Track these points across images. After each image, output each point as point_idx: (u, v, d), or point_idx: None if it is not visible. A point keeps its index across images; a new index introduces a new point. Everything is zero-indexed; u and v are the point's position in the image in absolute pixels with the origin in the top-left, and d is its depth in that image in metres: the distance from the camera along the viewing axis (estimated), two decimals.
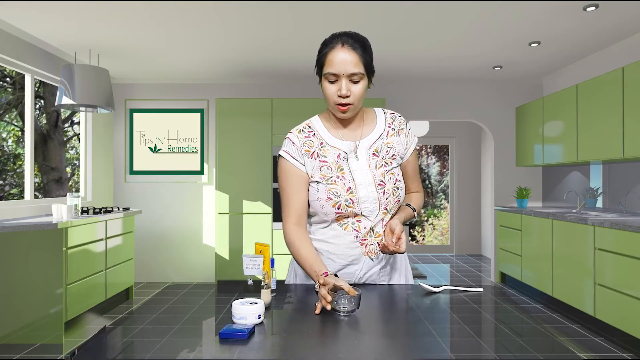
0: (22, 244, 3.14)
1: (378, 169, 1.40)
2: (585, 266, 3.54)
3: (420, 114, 5.42)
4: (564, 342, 0.87)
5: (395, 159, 1.44)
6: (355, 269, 1.43)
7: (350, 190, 1.36)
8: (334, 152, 1.40)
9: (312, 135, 1.42)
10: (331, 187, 1.37)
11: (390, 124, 1.47)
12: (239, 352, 0.88)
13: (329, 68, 1.31)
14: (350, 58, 1.30)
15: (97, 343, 0.94)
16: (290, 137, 1.42)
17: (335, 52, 1.31)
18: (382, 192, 1.38)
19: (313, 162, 1.40)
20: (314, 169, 1.40)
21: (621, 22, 3.50)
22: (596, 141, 3.84)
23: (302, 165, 1.40)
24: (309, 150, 1.40)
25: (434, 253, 7.37)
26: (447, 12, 3.31)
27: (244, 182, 4.77)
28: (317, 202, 1.39)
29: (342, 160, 1.39)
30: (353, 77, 1.31)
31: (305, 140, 1.41)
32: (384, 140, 1.44)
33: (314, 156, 1.40)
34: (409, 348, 0.90)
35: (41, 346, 3.12)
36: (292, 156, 1.41)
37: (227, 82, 5.36)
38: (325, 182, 1.37)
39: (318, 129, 1.43)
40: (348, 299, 1.11)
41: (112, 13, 3.30)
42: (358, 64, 1.30)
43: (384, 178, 1.39)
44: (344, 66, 1.29)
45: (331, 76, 1.31)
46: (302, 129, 1.44)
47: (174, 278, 5.35)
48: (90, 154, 4.83)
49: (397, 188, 1.41)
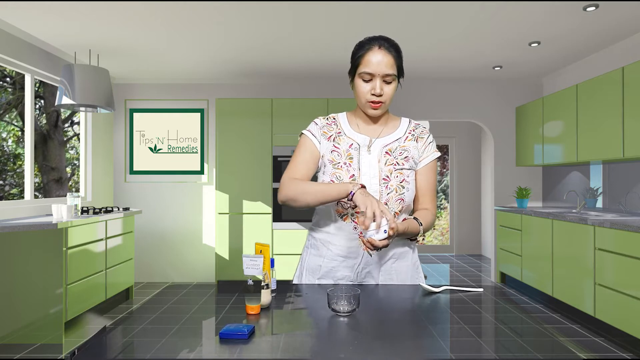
0: (22, 244, 3.14)
1: (387, 165, 1.44)
2: (585, 266, 3.54)
3: (420, 114, 5.42)
4: (564, 342, 0.87)
5: (408, 161, 1.47)
6: (353, 263, 1.46)
7: (353, 177, 1.42)
8: (348, 141, 1.47)
9: (333, 124, 1.52)
10: (336, 172, 1.44)
11: (412, 131, 1.53)
12: (239, 352, 0.88)
13: (365, 68, 1.39)
14: (386, 60, 1.39)
15: (97, 343, 0.94)
16: (315, 120, 1.55)
17: (373, 53, 1.39)
18: (385, 186, 1.42)
19: (327, 144, 1.49)
20: (326, 151, 1.48)
21: (621, 22, 3.50)
22: (596, 141, 3.84)
23: (318, 142, 1.50)
24: (327, 133, 1.50)
25: (434, 253, 7.37)
26: (447, 12, 3.30)
27: (244, 182, 4.77)
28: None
29: (354, 150, 1.46)
30: (386, 78, 1.40)
31: (326, 125, 1.52)
32: (401, 143, 1.49)
33: (330, 139, 1.49)
34: (409, 348, 0.90)
35: (41, 346, 3.12)
36: (312, 133, 1.51)
37: (227, 82, 5.36)
38: (333, 166, 1.45)
39: (340, 121, 1.53)
40: (348, 299, 1.11)
41: (112, 13, 3.30)
42: (392, 66, 1.39)
43: (391, 175, 1.43)
44: (379, 67, 1.38)
45: (366, 75, 1.40)
46: (326, 117, 1.55)
47: (174, 278, 5.34)
48: (90, 154, 4.83)
49: (403, 187, 1.44)
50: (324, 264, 1.49)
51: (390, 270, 1.48)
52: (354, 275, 1.47)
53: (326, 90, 5.40)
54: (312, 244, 1.55)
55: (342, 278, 1.48)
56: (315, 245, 1.53)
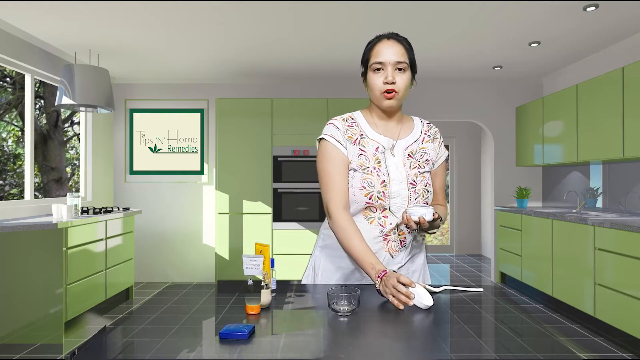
0: (22, 244, 3.14)
1: (412, 169, 1.43)
2: (585, 266, 3.54)
3: (420, 114, 5.42)
4: (564, 342, 0.87)
5: (428, 164, 1.48)
6: None
7: (384, 183, 1.40)
8: (373, 144, 1.43)
9: (354, 125, 1.45)
10: (367, 177, 1.40)
11: (427, 131, 1.51)
12: (239, 352, 0.88)
13: (376, 58, 1.37)
14: (397, 48, 1.37)
15: (97, 343, 0.94)
16: (334, 123, 1.45)
17: (382, 43, 1.38)
18: (413, 191, 1.42)
19: (354, 149, 1.42)
20: (354, 156, 1.42)
21: (621, 22, 3.50)
22: (596, 141, 3.84)
23: (345, 149, 1.42)
24: (352, 137, 1.43)
25: (434, 253, 7.37)
26: (447, 12, 3.30)
27: (244, 182, 4.77)
28: (350, 189, 1.42)
29: (380, 153, 1.42)
30: (399, 66, 1.36)
31: (348, 128, 1.44)
32: (420, 144, 1.48)
33: (356, 143, 1.43)
34: (409, 348, 0.90)
35: (41, 346, 3.12)
36: (336, 139, 1.42)
37: (227, 82, 5.36)
38: (362, 171, 1.40)
39: (359, 121, 1.47)
40: (348, 299, 1.11)
41: (112, 13, 3.30)
42: (404, 55, 1.37)
43: (416, 179, 1.43)
44: (390, 55, 1.36)
45: (377, 64, 1.37)
46: (345, 118, 1.46)
47: (174, 278, 5.34)
48: (90, 154, 4.83)
49: (427, 191, 1.45)
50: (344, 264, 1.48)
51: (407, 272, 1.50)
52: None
53: (326, 90, 5.39)
54: (327, 245, 1.52)
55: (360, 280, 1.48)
56: (331, 245, 1.51)
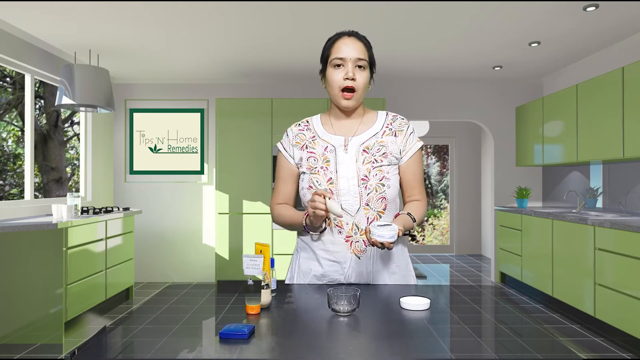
0: (22, 244, 3.14)
1: (364, 165, 1.41)
2: (585, 266, 3.54)
3: (420, 114, 5.42)
4: (564, 342, 0.87)
5: (386, 157, 1.43)
6: (343, 267, 1.43)
7: (331, 180, 1.40)
8: (323, 144, 1.45)
9: (306, 129, 1.50)
10: (313, 177, 1.43)
11: (389, 124, 1.48)
12: (239, 352, 0.88)
13: (336, 53, 1.38)
14: (357, 45, 1.39)
15: (97, 343, 0.94)
16: (287, 131, 1.54)
17: (343, 39, 1.40)
18: (364, 187, 1.39)
19: (302, 154, 1.47)
20: (303, 160, 1.47)
21: (621, 22, 3.50)
22: (596, 141, 3.84)
23: (290, 157, 1.50)
24: (299, 143, 1.49)
25: (434, 253, 7.37)
26: (447, 12, 3.31)
27: (244, 182, 4.77)
28: (301, 191, 1.47)
29: (330, 152, 1.44)
30: (359, 63, 1.38)
31: (298, 133, 1.50)
32: (378, 139, 1.45)
33: (304, 148, 1.47)
34: (409, 348, 0.90)
35: (41, 346, 3.12)
36: (284, 147, 1.52)
37: (227, 82, 5.36)
38: (310, 172, 1.44)
39: (314, 124, 1.51)
40: (348, 299, 1.11)
41: (112, 13, 3.30)
42: (364, 52, 1.39)
43: (369, 174, 1.40)
44: (350, 51, 1.37)
45: (338, 60, 1.38)
46: (299, 123, 1.53)
47: (174, 278, 5.34)
48: (90, 154, 4.83)
49: (383, 185, 1.40)
50: (314, 267, 1.47)
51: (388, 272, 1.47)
52: (344, 280, 1.44)
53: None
54: (302, 247, 1.52)
55: (333, 281, 1.46)
56: (304, 247, 1.51)
